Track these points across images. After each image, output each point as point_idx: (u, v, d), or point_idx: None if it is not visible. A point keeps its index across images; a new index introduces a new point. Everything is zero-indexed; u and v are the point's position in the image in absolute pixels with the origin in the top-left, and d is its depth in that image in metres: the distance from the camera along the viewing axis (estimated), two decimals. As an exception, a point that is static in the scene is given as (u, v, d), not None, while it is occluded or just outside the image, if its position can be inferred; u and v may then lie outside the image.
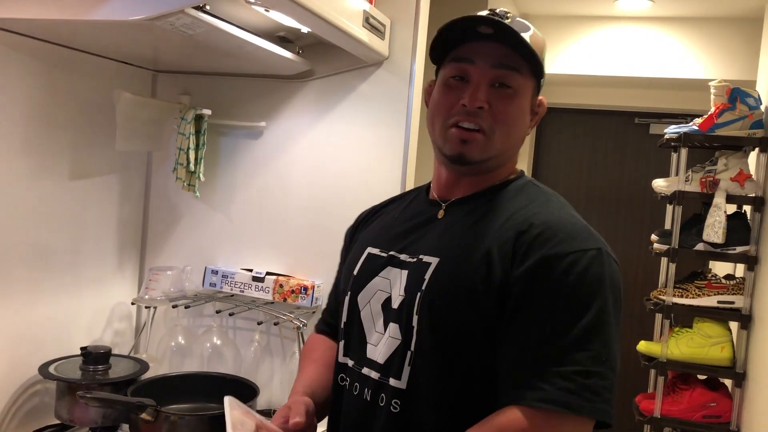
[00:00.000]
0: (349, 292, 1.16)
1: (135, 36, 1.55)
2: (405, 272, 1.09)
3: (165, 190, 2.03)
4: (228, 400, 1.10)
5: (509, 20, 1.06)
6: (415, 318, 1.04)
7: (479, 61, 1.06)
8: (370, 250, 1.17)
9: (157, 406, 1.48)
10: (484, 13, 1.08)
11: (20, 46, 1.54)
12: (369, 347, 1.11)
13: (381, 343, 1.09)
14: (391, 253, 1.13)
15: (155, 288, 1.88)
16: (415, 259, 1.09)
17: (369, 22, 1.64)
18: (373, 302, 1.12)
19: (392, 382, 1.05)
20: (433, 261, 1.06)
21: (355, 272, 1.17)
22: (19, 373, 1.65)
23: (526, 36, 1.05)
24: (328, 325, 1.32)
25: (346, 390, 1.14)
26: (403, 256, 1.11)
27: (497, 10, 1.07)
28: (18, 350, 1.64)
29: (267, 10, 1.47)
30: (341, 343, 1.17)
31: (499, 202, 1.10)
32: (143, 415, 1.47)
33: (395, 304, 1.08)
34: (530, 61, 1.07)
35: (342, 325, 1.17)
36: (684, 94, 3.71)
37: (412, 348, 1.04)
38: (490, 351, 1.01)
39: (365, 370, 1.11)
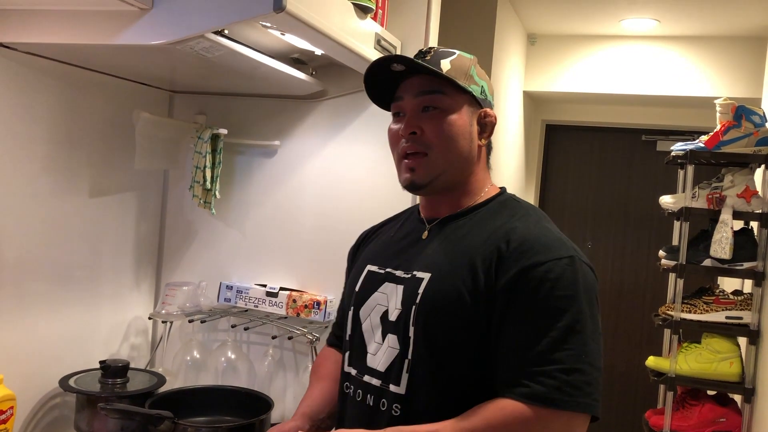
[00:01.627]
0: (352, 307, 1.27)
1: (154, 58, 1.61)
2: (401, 287, 1.20)
3: (181, 208, 2.08)
4: None
5: (430, 54, 1.19)
6: (411, 329, 1.15)
7: (406, 95, 1.20)
8: (369, 267, 1.29)
9: (174, 418, 1.51)
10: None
11: (44, 69, 1.60)
12: (369, 356, 1.22)
13: (380, 353, 1.19)
14: (388, 269, 1.25)
15: (172, 303, 1.92)
16: (409, 275, 1.20)
17: (380, 44, 1.69)
18: (372, 315, 1.23)
19: (392, 388, 1.16)
20: (426, 276, 1.17)
21: (357, 289, 1.28)
22: (39, 386, 1.69)
23: (447, 61, 1.18)
24: (337, 338, 1.42)
25: (350, 397, 1.25)
26: (398, 273, 1.22)
27: (422, 50, 1.22)
28: (38, 364, 1.68)
29: (283, 34, 1.52)
30: (346, 354, 1.28)
31: (481, 218, 1.21)
32: (161, 427, 1.50)
33: (392, 317, 1.19)
34: (451, 81, 1.17)
35: (347, 338, 1.28)
36: (690, 111, 3.75)
37: (410, 356, 1.14)
38: (481, 356, 1.11)
39: (366, 378, 1.21)
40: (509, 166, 3.73)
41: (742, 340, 2.74)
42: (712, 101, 3.00)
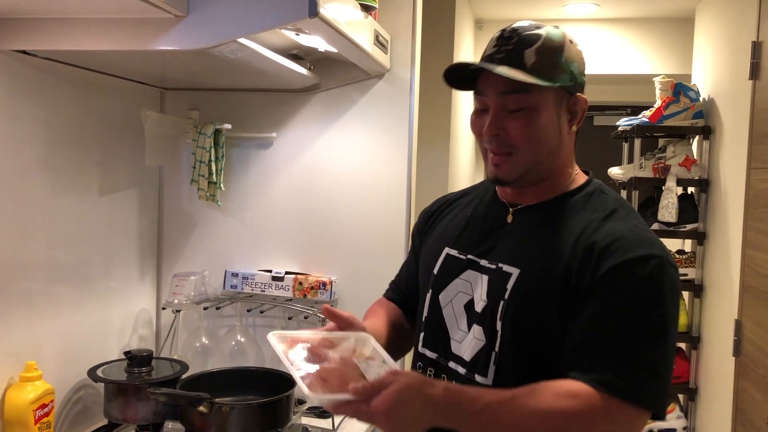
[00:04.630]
0: (430, 290, 1.26)
1: (157, 59, 1.66)
2: (486, 278, 1.17)
3: (177, 201, 2.15)
4: (273, 338, 1.13)
5: (513, 42, 1.11)
6: (498, 323, 1.13)
7: (488, 92, 1.14)
8: (448, 250, 1.26)
9: (212, 398, 1.61)
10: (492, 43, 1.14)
11: (53, 71, 1.64)
12: (453, 343, 1.21)
13: (466, 342, 1.18)
14: (470, 256, 1.21)
15: (180, 293, 2.00)
16: (495, 266, 1.16)
17: (378, 40, 1.81)
18: (455, 302, 1.21)
19: (478, 378, 1.15)
20: (514, 272, 1.13)
21: (435, 271, 1.26)
22: (68, 379, 1.75)
23: (532, 51, 1.09)
24: (395, 292, 1.43)
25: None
26: (483, 262, 1.19)
27: (504, 33, 1.14)
28: (65, 358, 1.74)
29: (298, 34, 1.62)
30: (421, 335, 1.27)
31: (570, 212, 1.15)
32: (200, 408, 1.60)
33: (478, 308, 1.17)
34: (542, 88, 1.10)
35: (423, 319, 1.27)
36: (624, 87, 4.04)
37: (497, 349, 1.13)
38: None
39: (452, 365, 1.20)
40: (463, 145, 3.92)
41: (686, 294, 3.03)
42: (646, 78, 3.26)
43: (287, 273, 2.04)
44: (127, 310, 2.02)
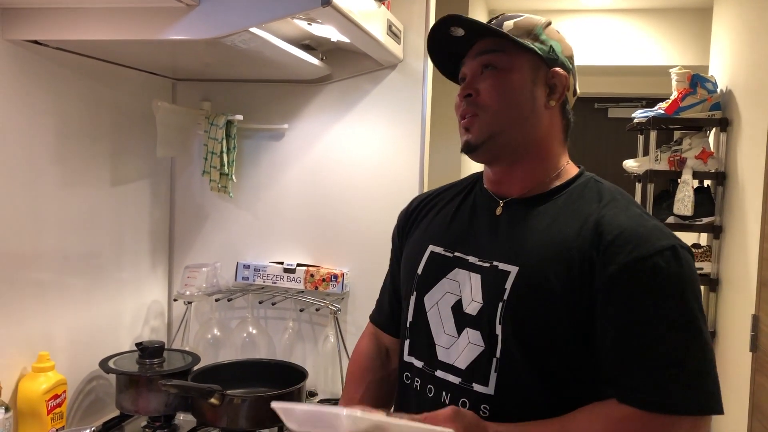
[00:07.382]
0: (414, 293, 1.17)
1: (168, 49, 1.65)
2: (477, 276, 1.09)
3: (189, 192, 2.14)
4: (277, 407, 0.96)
5: (497, 19, 1.15)
6: (498, 327, 1.05)
7: (468, 59, 1.13)
8: (432, 248, 1.17)
9: (223, 390, 1.61)
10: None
11: (65, 62, 1.63)
12: (439, 349, 1.12)
13: (456, 348, 1.10)
14: (457, 254, 1.14)
15: (192, 284, 2.00)
16: (488, 264, 1.09)
17: (391, 30, 1.79)
18: (441, 304, 1.13)
19: (477, 387, 1.07)
20: (512, 270, 1.06)
21: (419, 272, 1.17)
22: (79, 370, 1.75)
23: (511, 22, 1.11)
24: (380, 313, 1.36)
25: (416, 390, 1.16)
26: (471, 259, 1.11)
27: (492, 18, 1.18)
28: (76, 350, 1.74)
29: (310, 24, 1.60)
30: (406, 342, 1.19)
31: (567, 203, 1.09)
32: (212, 400, 1.60)
33: (470, 310, 1.09)
34: (509, 38, 1.08)
35: (408, 325, 1.19)
36: (640, 79, 3.99)
37: (498, 355, 1.05)
38: (580, 356, 1.03)
39: (440, 373, 1.12)
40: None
41: (703, 289, 3.00)
42: (661, 69, 3.21)
43: (299, 265, 2.03)
44: (139, 301, 2.02)
